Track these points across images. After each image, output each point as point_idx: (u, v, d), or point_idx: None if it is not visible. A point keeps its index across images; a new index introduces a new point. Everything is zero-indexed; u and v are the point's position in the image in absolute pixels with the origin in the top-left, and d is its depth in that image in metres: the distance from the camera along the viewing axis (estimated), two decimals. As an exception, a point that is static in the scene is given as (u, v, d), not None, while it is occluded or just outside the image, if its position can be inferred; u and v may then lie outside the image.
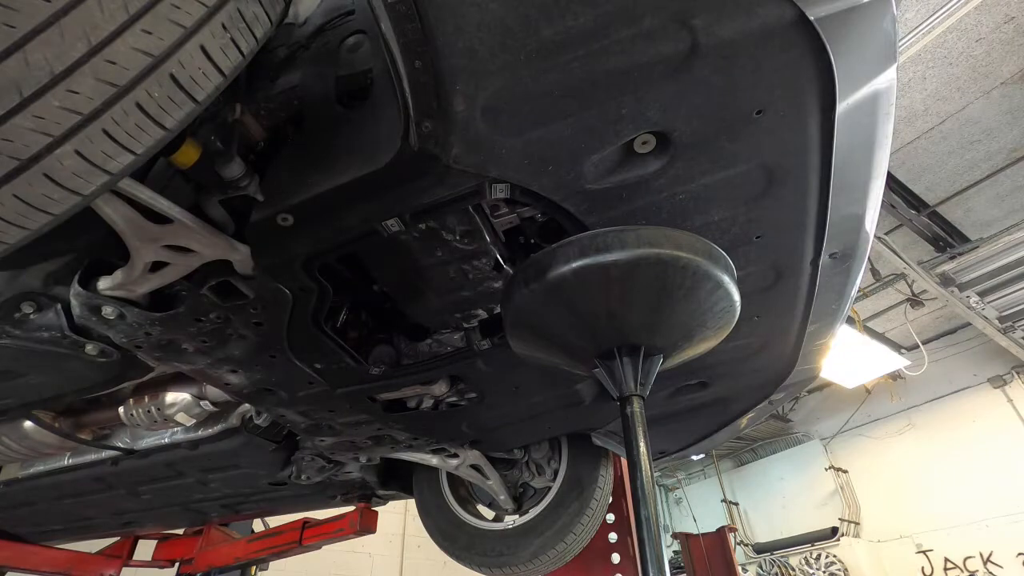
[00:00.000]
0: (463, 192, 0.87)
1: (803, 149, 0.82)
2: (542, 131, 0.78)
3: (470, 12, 0.67)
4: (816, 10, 0.66)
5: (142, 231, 0.92)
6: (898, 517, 6.90)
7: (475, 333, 1.23)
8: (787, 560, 7.02)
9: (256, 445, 1.67)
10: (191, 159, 0.85)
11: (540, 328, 0.92)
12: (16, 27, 0.53)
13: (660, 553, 0.78)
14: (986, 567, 6.07)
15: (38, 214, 0.62)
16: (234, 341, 1.14)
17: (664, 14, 0.66)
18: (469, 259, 1.04)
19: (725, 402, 1.54)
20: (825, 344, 1.32)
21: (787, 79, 0.73)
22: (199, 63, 0.65)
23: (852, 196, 0.92)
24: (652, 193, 0.88)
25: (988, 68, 3.53)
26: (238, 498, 2.15)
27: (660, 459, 1.93)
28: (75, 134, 0.59)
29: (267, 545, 2.88)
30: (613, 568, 2.00)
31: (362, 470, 2.04)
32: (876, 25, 0.70)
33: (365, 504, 2.44)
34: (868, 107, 0.79)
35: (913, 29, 2.96)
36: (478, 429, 1.60)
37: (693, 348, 0.96)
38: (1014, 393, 6.44)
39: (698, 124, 0.78)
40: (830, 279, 1.09)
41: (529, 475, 1.99)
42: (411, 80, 0.72)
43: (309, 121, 0.94)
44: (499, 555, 1.86)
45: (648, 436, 0.87)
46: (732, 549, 4.42)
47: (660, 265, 0.79)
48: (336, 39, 0.97)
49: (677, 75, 0.72)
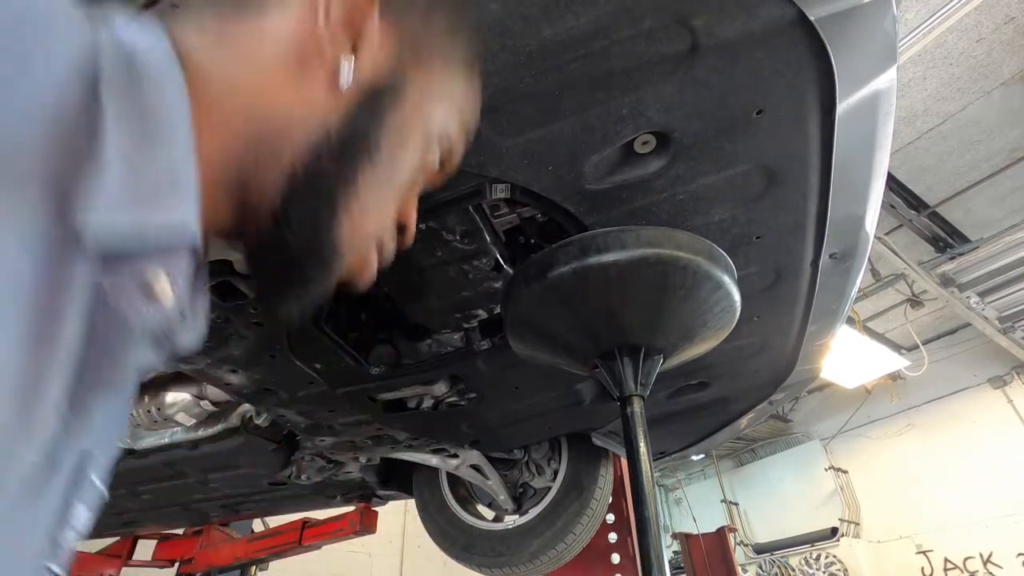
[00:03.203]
0: (463, 192, 0.87)
1: (803, 149, 0.82)
2: (542, 131, 0.78)
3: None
4: (816, 10, 0.66)
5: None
6: (898, 517, 6.90)
7: (475, 333, 1.23)
8: (787, 560, 7.02)
9: (256, 445, 1.67)
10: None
11: (540, 328, 0.92)
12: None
13: (660, 553, 0.78)
14: (986, 567, 6.07)
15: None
16: (234, 341, 1.15)
17: (664, 14, 0.66)
18: (469, 259, 1.04)
19: (725, 402, 1.54)
20: (825, 344, 1.32)
21: (787, 79, 0.73)
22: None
23: (852, 196, 0.92)
24: (652, 193, 0.88)
25: (988, 68, 3.53)
26: (238, 498, 2.15)
27: (660, 459, 1.93)
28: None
29: (267, 545, 2.88)
30: (613, 568, 2.00)
31: (362, 470, 2.04)
32: (876, 25, 0.70)
33: (365, 504, 2.44)
34: (868, 107, 0.79)
35: (913, 29, 2.96)
36: (478, 429, 1.60)
37: (693, 348, 0.96)
38: (1014, 393, 6.43)
39: (698, 124, 0.78)
40: (830, 279, 1.09)
41: (529, 475, 1.99)
42: (411, 80, 0.72)
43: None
44: (499, 555, 1.86)
45: (648, 436, 0.87)
46: (732, 549, 4.42)
47: (660, 265, 0.80)
48: (336, 39, 0.97)
49: (677, 75, 0.72)
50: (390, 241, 0.50)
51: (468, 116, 0.54)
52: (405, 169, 0.48)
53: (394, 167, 0.47)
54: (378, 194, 0.46)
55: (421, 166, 0.50)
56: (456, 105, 0.52)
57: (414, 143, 0.48)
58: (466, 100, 0.53)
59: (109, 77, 0.30)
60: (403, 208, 0.51)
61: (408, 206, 0.52)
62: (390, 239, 0.50)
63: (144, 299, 0.32)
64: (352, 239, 0.45)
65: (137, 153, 0.30)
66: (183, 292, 0.34)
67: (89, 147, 0.29)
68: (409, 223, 0.52)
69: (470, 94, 0.54)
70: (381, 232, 0.48)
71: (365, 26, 0.42)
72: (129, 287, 0.31)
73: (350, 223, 0.44)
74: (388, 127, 0.45)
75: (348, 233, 0.44)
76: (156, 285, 0.32)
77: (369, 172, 0.44)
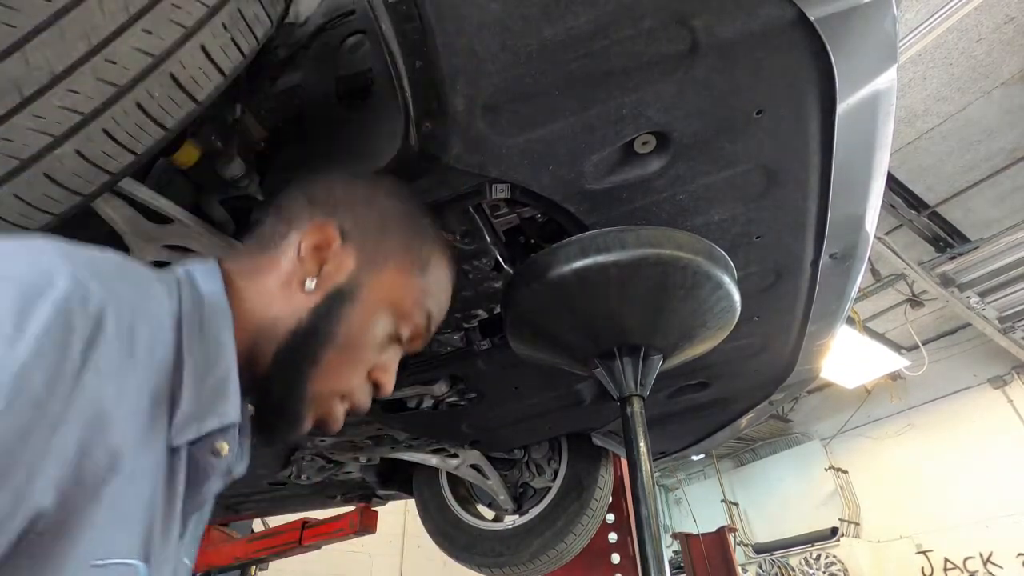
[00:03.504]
0: (463, 192, 0.87)
1: (803, 149, 0.82)
2: (542, 131, 0.78)
3: (471, 12, 0.67)
4: (816, 10, 0.66)
5: (142, 231, 0.92)
6: (898, 517, 6.89)
7: (475, 333, 1.23)
8: (787, 560, 7.01)
9: (256, 445, 1.67)
10: (191, 159, 0.85)
11: (540, 328, 0.92)
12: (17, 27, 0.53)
13: (660, 553, 0.78)
14: (986, 567, 6.07)
15: (38, 214, 0.62)
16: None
17: (664, 14, 0.66)
18: (469, 259, 1.04)
19: (725, 402, 1.54)
20: (825, 344, 1.32)
21: (787, 79, 0.73)
22: (200, 63, 0.65)
23: (852, 196, 0.92)
24: (652, 193, 0.88)
25: (988, 68, 3.53)
26: (238, 498, 2.15)
27: (660, 459, 1.93)
28: (75, 134, 0.59)
29: (267, 545, 2.88)
30: (613, 568, 2.00)
31: (362, 470, 2.04)
32: (876, 25, 0.70)
33: (365, 504, 2.44)
34: (868, 107, 0.79)
35: (913, 29, 2.96)
36: (478, 429, 1.60)
37: (693, 348, 0.96)
38: (1014, 393, 6.43)
39: (698, 124, 0.78)
40: (830, 279, 1.09)
41: (529, 475, 1.99)
42: (411, 80, 0.72)
43: (309, 121, 0.94)
44: (499, 555, 1.86)
45: (648, 436, 0.87)
46: (732, 549, 4.42)
47: (660, 265, 0.80)
48: (336, 39, 0.97)
49: (677, 75, 0.72)
50: (364, 397, 0.65)
51: (430, 303, 0.69)
52: (364, 347, 0.63)
53: (352, 345, 0.62)
54: (338, 365, 0.61)
55: (384, 344, 0.65)
56: (413, 296, 0.67)
57: (372, 328, 0.64)
58: (423, 291, 0.68)
59: (187, 318, 0.52)
60: (376, 372, 0.66)
61: (382, 371, 0.66)
62: (363, 396, 0.65)
63: (215, 457, 0.52)
64: (316, 396, 0.61)
65: (201, 377, 0.50)
66: (235, 448, 0.53)
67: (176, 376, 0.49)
68: (383, 383, 0.66)
69: (430, 286, 0.69)
70: (347, 392, 0.63)
71: (328, 252, 0.62)
72: (206, 452, 0.51)
73: (313, 385, 0.60)
74: (345, 318, 0.61)
75: (312, 392, 0.60)
76: (220, 449, 0.52)
77: (329, 348, 0.60)
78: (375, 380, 0.66)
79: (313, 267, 0.61)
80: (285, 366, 0.59)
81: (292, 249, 0.62)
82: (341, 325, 0.61)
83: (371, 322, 0.64)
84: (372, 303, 0.64)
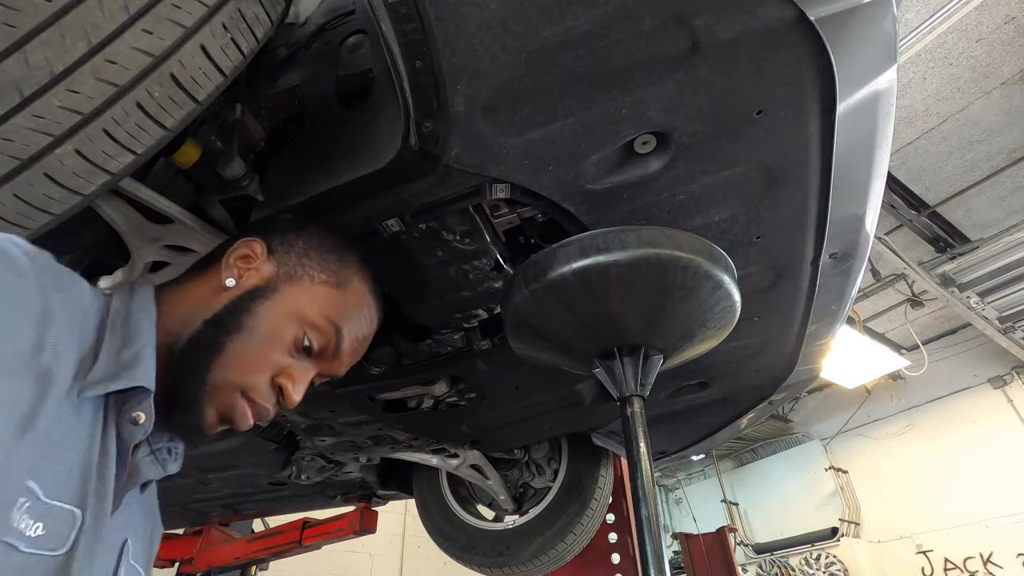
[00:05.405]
0: (463, 192, 0.87)
1: (803, 149, 0.82)
2: (543, 131, 0.78)
3: (471, 12, 0.67)
4: (816, 10, 0.66)
5: (143, 231, 0.92)
6: (898, 517, 6.89)
7: (475, 333, 1.23)
8: (787, 560, 7.01)
9: (256, 445, 1.67)
10: (191, 159, 0.85)
11: (540, 328, 0.92)
12: (17, 27, 0.53)
13: (660, 553, 0.78)
14: (986, 568, 6.06)
15: (39, 214, 0.62)
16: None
17: (664, 14, 0.66)
18: (469, 259, 1.04)
19: (725, 402, 1.53)
20: (825, 344, 1.32)
21: (787, 79, 0.73)
22: (200, 63, 0.65)
23: (852, 196, 0.92)
24: (652, 193, 0.88)
25: (988, 68, 3.53)
26: (238, 498, 2.15)
27: (660, 459, 1.93)
28: (75, 133, 0.59)
29: (267, 545, 2.88)
30: (613, 568, 2.00)
31: (362, 470, 2.04)
32: (876, 25, 0.70)
33: (365, 504, 2.44)
34: (868, 107, 0.79)
35: (913, 30, 2.96)
36: (478, 429, 1.60)
37: (693, 348, 0.96)
38: (1014, 394, 6.42)
39: (699, 124, 0.78)
40: (830, 279, 1.09)
41: (529, 475, 1.99)
42: (411, 80, 0.72)
43: (310, 121, 0.94)
44: (499, 555, 1.86)
45: (648, 436, 0.87)
46: (732, 549, 4.42)
47: (660, 265, 0.79)
48: (336, 39, 0.97)
49: (678, 75, 0.72)
50: (266, 400, 0.68)
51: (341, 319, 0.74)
52: (268, 342, 0.68)
53: (256, 339, 0.67)
54: (239, 356, 0.66)
55: (291, 348, 0.70)
56: (323, 307, 0.72)
57: (278, 326, 0.69)
58: (335, 306, 0.74)
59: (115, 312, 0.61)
60: (281, 377, 0.69)
61: (287, 377, 0.69)
62: (266, 398, 0.68)
63: (133, 425, 0.57)
64: (215, 385, 0.65)
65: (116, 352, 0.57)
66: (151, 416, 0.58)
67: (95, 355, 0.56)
68: (288, 391, 0.69)
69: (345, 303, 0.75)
70: (247, 388, 0.67)
71: (254, 263, 0.71)
72: (125, 421, 0.57)
73: (213, 372, 0.65)
74: (254, 312, 0.68)
75: (212, 379, 0.65)
76: (138, 417, 0.57)
77: (234, 337, 0.66)
78: (279, 384, 0.69)
79: (236, 272, 0.70)
80: (192, 350, 0.65)
81: (223, 261, 0.71)
82: (249, 317, 0.67)
83: (278, 320, 0.69)
84: (283, 303, 0.70)
